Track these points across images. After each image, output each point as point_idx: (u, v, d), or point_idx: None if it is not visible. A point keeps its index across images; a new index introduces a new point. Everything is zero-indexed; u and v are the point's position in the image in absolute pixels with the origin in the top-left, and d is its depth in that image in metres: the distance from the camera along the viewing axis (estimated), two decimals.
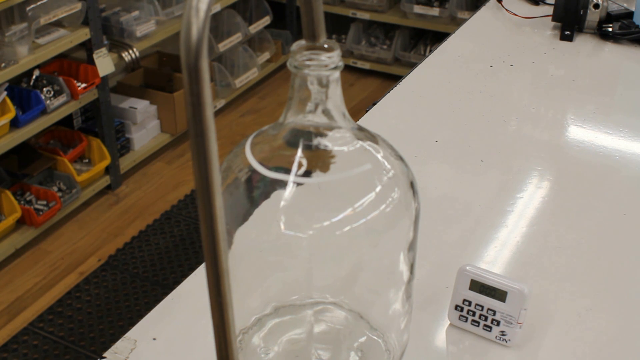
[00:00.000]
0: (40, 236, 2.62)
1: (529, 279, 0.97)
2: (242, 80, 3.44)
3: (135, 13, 2.85)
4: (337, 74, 0.66)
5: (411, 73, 1.55)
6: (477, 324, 0.88)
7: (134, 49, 2.80)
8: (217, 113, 3.38)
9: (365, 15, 3.67)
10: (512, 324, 0.86)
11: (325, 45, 0.64)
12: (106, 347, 1.06)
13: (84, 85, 2.63)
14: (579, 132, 1.35)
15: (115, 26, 2.79)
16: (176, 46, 3.26)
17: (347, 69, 3.70)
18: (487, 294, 0.86)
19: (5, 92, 2.37)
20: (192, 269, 1.55)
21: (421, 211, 0.75)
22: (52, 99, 2.52)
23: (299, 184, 0.69)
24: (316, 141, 0.69)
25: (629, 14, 1.72)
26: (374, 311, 0.82)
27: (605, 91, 1.51)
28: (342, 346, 0.81)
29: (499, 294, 0.85)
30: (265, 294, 0.82)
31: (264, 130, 0.72)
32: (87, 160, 2.82)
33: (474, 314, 0.87)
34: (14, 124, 2.41)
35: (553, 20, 1.72)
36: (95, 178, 2.81)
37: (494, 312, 0.86)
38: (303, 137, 0.69)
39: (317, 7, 0.62)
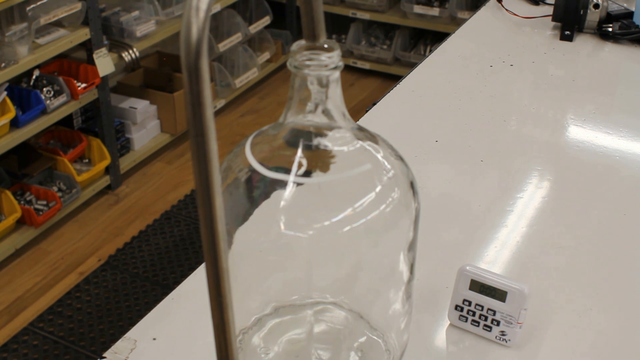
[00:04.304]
0: (40, 236, 2.62)
1: (529, 279, 0.97)
2: (242, 80, 3.44)
3: (135, 13, 2.85)
4: (337, 74, 0.66)
5: (411, 73, 1.55)
6: (477, 324, 0.88)
7: (134, 49, 2.80)
8: (217, 113, 3.38)
9: (365, 15, 3.67)
10: (512, 324, 0.86)
11: (325, 45, 0.64)
12: (106, 347, 1.06)
13: (84, 85, 2.63)
14: (579, 132, 1.35)
15: (115, 26, 2.79)
16: (176, 46, 3.26)
17: (347, 69, 3.70)
18: (487, 294, 0.86)
19: (5, 92, 2.37)
20: (192, 269, 1.55)
21: (421, 211, 0.75)
22: (52, 99, 2.52)
23: (299, 184, 0.69)
24: (316, 141, 0.69)
25: (629, 14, 1.72)
26: (374, 311, 0.82)
27: (605, 91, 1.51)
28: (342, 346, 0.81)
29: (499, 294, 0.85)
30: (265, 294, 0.82)
31: (264, 130, 0.72)
32: (87, 160, 2.82)
33: (474, 314, 0.87)
34: (14, 124, 2.41)
35: (553, 20, 1.72)
36: (95, 178, 2.81)
37: (494, 312, 0.86)
38: (303, 137, 0.69)
39: (317, 7, 0.62)
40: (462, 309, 0.88)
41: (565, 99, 1.46)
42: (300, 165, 0.68)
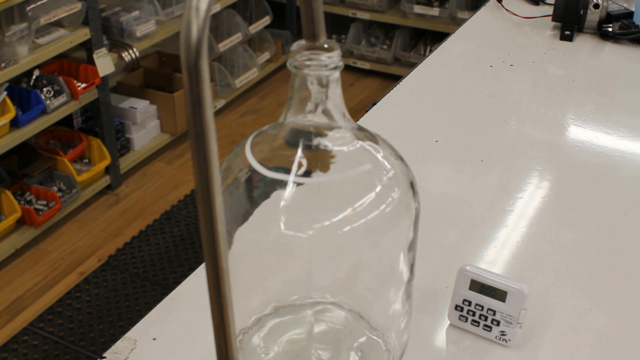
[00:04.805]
0: (40, 236, 2.62)
1: (529, 279, 0.97)
2: (242, 80, 3.44)
3: (135, 13, 2.85)
4: (337, 74, 0.66)
5: (411, 73, 1.55)
6: (477, 324, 0.88)
7: (134, 49, 2.80)
8: (217, 113, 3.38)
9: (365, 15, 3.67)
10: (512, 324, 0.86)
11: (325, 45, 0.64)
12: (106, 347, 1.06)
13: (84, 85, 2.63)
14: (579, 132, 1.35)
15: (115, 26, 2.79)
16: (176, 46, 3.26)
17: (347, 69, 3.70)
18: (487, 294, 0.86)
19: (5, 92, 2.37)
20: (192, 269, 1.55)
21: (421, 211, 0.75)
22: (52, 99, 2.52)
23: (299, 184, 0.69)
24: (316, 141, 0.69)
25: (629, 14, 1.72)
26: (374, 311, 0.82)
27: (605, 91, 1.51)
28: (342, 346, 0.81)
29: (499, 294, 0.85)
30: (265, 294, 0.82)
31: (264, 130, 0.72)
32: (87, 160, 2.82)
33: (474, 314, 0.87)
34: (14, 124, 2.41)
35: (553, 20, 1.72)
36: (95, 178, 2.81)
37: (494, 312, 0.86)
38: (303, 137, 0.69)
39: (317, 7, 0.62)
40: (462, 309, 0.88)
41: (565, 99, 1.46)
42: (300, 165, 0.68)
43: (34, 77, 2.57)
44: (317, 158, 0.69)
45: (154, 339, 0.89)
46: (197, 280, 0.98)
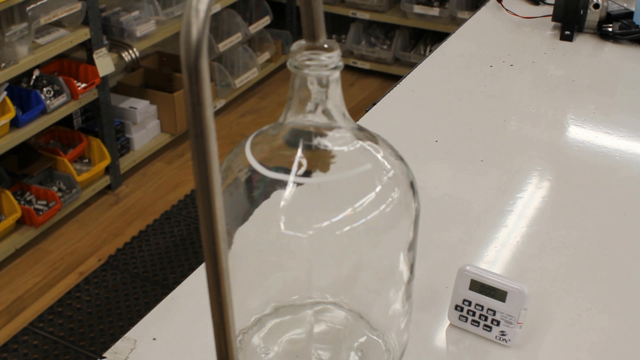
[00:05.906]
0: (40, 236, 2.62)
1: (529, 279, 0.97)
2: (242, 80, 3.44)
3: (135, 13, 2.85)
4: (337, 74, 0.66)
5: (411, 73, 1.55)
6: (477, 324, 0.88)
7: (134, 49, 2.80)
8: (217, 113, 3.38)
9: (365, 15, 3.67)
10: (512, 324, 0.86)
11: (325, 45, 0.65)
12: (106, 347, 1.06)
13: (84, 85, 2.63)
14: (579, 132, 1.35)
15: (115, 26, 2.79)
16: (176, 46, 3.26)
17: (347, 69, 3.70)
18: (487, 294, 0.86)
19: (5, 92, 2.37)
20: (192, 269, 1.55)
21: (421, 211, 0.75)
22: (52, 99, 2.52)
23: (299, 184, 0.69)
24: (316, 141, 0.69)
25: (629, 14, 1.72)
26: (374, 311, 0.82)
27: (605, 91, 1.51)
28: (342, 346, 0.81)
29: (499, 294, 0.85)
30: (265, 294, 0.82)
31: (264, 130, 0.72)
32: (87, 160, 2.82)
33: (474, 314, 0.87)
34: (14, 124, 2.41)
35: (553, 20, 1.72)
36: (95, 178, 2.81)
37: (494, 312, 0.86)
38: (303, 137, 0.69)
39: (317, 7, 0.62)
40: (462, 309, 0.88)
41: (565, 99, 1.46)
42: (300, 165, 0.68)
43: (34, 77, 2.57)
44: (317, 158, 0.69)
45: (154, 339, 0.89)
46: (197, 280, 0.98)
